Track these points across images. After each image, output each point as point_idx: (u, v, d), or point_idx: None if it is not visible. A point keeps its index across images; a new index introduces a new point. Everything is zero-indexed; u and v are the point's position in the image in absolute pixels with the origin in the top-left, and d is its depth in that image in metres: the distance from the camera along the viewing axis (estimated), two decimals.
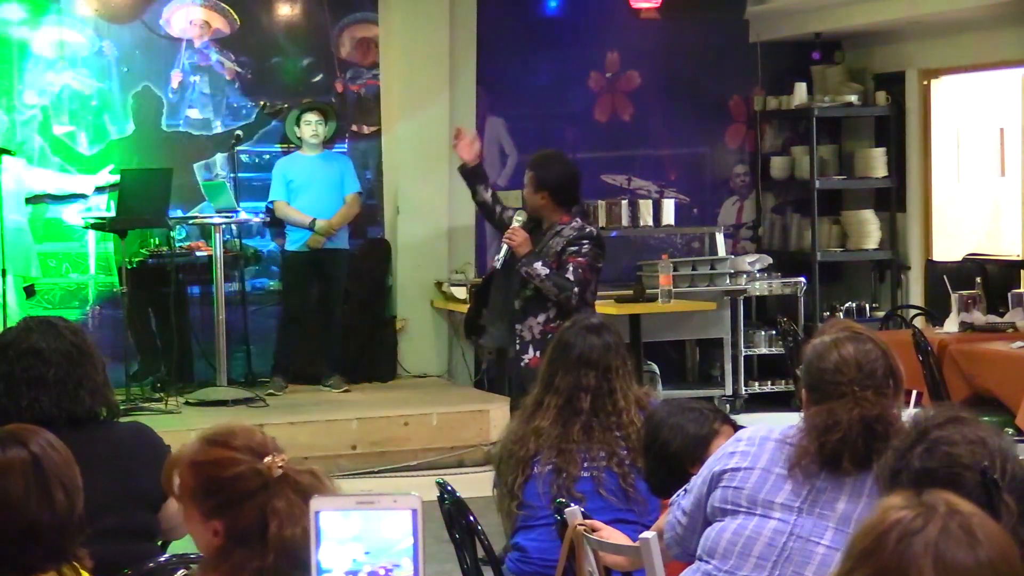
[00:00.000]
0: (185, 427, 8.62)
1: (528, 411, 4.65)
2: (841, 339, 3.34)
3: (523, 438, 4.58)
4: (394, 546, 2.20)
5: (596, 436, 4.52)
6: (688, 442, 3.91)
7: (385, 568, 2.23)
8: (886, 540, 1.76)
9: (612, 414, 4.54)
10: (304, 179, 9.97)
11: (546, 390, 4.62)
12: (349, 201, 10.08)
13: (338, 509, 2.26)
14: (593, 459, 4.51)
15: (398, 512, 2.21)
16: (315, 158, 10.05)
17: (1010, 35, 10.10)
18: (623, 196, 11.07)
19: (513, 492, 4.54)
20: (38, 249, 9.92)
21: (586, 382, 4.57)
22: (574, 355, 4.61)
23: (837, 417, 3.24)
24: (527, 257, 6.57)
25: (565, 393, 4.58)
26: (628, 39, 11.46)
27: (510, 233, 6.64)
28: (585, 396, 4.56)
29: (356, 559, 2.24)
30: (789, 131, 11.78)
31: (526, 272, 6.56)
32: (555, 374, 4.63)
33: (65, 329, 3.75)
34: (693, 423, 3.94)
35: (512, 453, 4.58)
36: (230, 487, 2.53)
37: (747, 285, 10.70)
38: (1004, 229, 10.78)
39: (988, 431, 2.36)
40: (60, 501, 2.73)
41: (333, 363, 10.18)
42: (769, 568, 3.29)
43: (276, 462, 2.51)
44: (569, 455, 4.50)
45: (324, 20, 10.79)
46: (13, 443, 2.76)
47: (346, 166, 10.24)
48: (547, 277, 6.54)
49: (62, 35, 10.18)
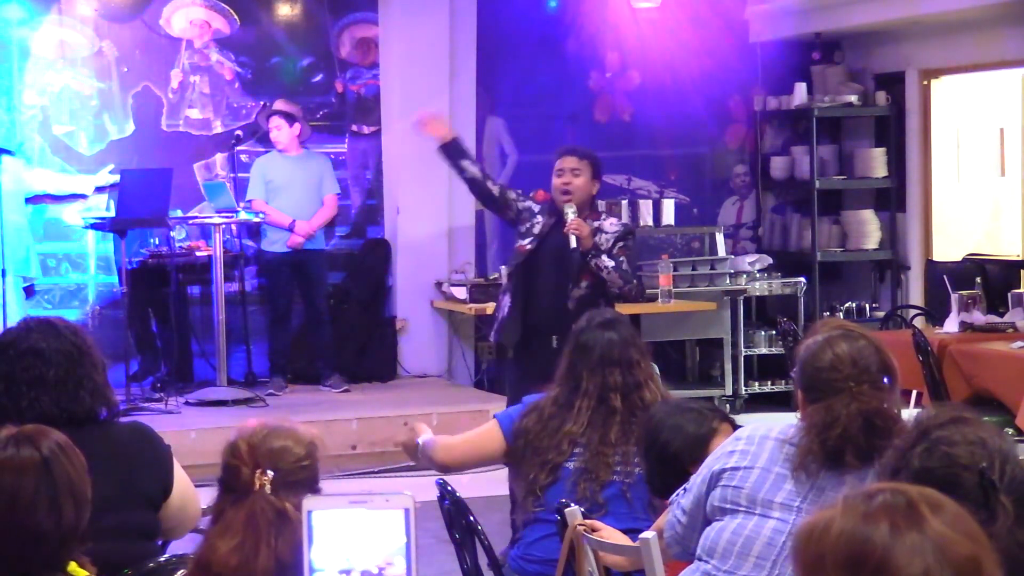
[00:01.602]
0: (185, 427, 8.65)
1: (551, 411, 4.56)
2: (834, 337, 3.35)
3: (555, 441, 4.49)
4: (387, 545, 2.20)
5: (635, 437, 4.48)
6: (688, 442, 3.90)
7: (379, 567, 2.24)
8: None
9: (643, 409, 4.48)
10: (283, 179, 9.93)
11: (574, 393, 4.55)
12: (328, 203, 10.07)
13: (331, 508, 2.27)
14: (627, 462, 4.46)
15: (391, 511, 2.21)
16: (294, 158, 10.02)
17: (1010, 35, 10.11)
18: (623, 196, 11.08)
19: (535, 491, 4.48)
20: (38, 249, 9.92)
21: (613, 381, 4.53)
22: (596, 355, 4.56)
23: (836, 413, 3.25)
24: (595, 249, 6.41)
25: (595, 394, 4.52)
26: (628, 39, 11.46)
27: (576, 225, 6.38)
28: (615, 395, 4.52)
29: (348, 558, 2.24)
30: (789, 131, 11.78)
31: (596, 264, 6.38)
32: (580, 377, 4.56)
33: (65, 329, 3.74)
34: (692, 422, 3.94)
35: (539, 451, 4.50)
36: (228, 473, 2.77)
37: (747, 285, 10.70)
38: (1004, 229, 10.78)
39: (989, 432, 2.36)
40: (68, 513, 2.72)
41: (331, 363, 10.19)
42: (768, 567, 3.29)
43: (263, 480, 2.72)
44: (602, 459, 4.45)
45: (324, 20, 10.79)
46: (28, 445, 2.75)
47: (325, 167, 10.22)
48: (614, 269, 6.40)
49: (62, 35, 10.18)
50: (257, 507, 2.73)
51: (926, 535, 1.78)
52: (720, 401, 10.40)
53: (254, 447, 2.78)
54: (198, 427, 8.72)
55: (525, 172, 11.16)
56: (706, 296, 10.43)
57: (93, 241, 10.17)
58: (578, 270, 6.45)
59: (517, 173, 11.24)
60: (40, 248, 9.96)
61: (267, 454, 2.78)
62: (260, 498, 2.73)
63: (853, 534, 1.81)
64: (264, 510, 2.72)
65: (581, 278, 6.47)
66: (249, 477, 2.74)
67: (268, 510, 2.72)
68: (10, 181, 9.39)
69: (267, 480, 2.73)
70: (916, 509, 1.80)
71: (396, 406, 9.55)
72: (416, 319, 10.76)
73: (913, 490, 1.84)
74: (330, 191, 10.10)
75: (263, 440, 2.80)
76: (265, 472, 2.74)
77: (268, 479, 2.73)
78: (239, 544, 2.72)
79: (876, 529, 1.79)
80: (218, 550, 2.73)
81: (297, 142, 10.03)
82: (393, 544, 2.22)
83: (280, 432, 2.84)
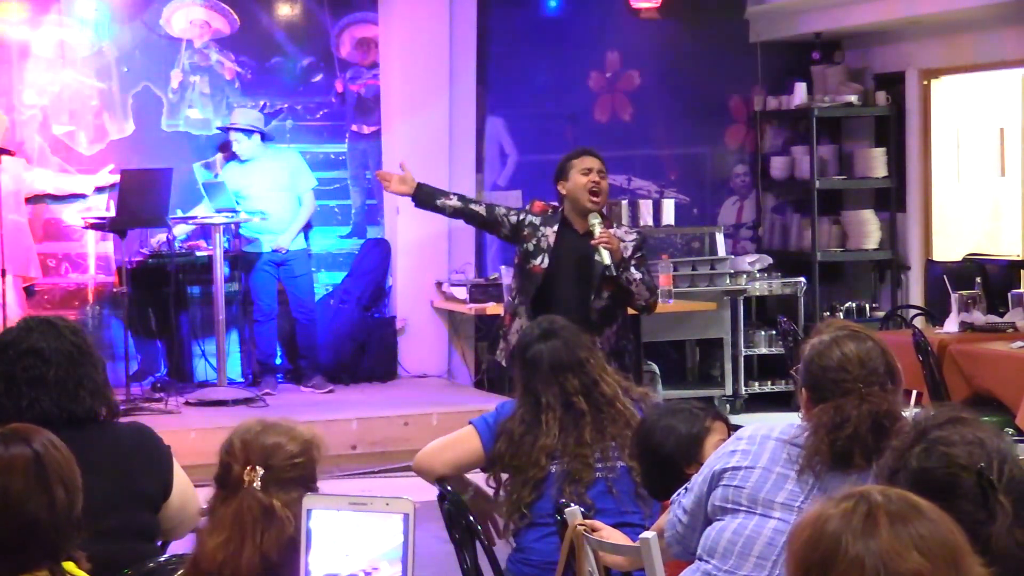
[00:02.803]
0: (185, 427, 8.65)
1: (520, 431, 4.50)
2: (841, 337, 3.35)
3: (533, 459, 4.45)
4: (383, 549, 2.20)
5: (608, 431, 4.47)
6: (681, 442, 3.91)
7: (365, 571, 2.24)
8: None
9: (607, 403, 4.49)
10: (253, 185, 9.87)
11: (536, 408, 4.51)
12: (306, 201, 10.05)
13: (330, 509, 2.27)
14: (607, 458, 4.45)
15: (390, 516, 2.21)
16: (260, 162, 9.94)
17: (1010, 35, 10.10)
18: (623, 196, 11.08)
19: (520, 509, 4.45)
20: (38, 249, 9.92)
21: (571, 386, 4.50)
22: (545, 367, 4.52)
23: (846, 414, 3.25)
24: (624, 261, 6.27)
25: (558, 404, 4.50)
26: (628, 39, 11.46)
27: (607, 238, 6.21)
28: (578, 398, 4.50)
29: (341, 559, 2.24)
30: (789, 131, 11.78)
31: (627, 278, 6.25)
32: (536, 392, 4.52)
33: (65, 329, 3.74)
34: (684, 423, 3.94)
35: (519, 470, 4.47)
36: (222, 470, 2.83)
37: (747, 285, 10.70)
38: (1004, 229, 10.78)
39: (988, 432, 2.36)
40: (60, 500, 2.73)
41: (315, 363, 10.18)
42: (769, 568, 3.29)
43: (252, 476, 2.76)
44: (582, 460, 4.42)
45: (324, 20, 10.79)
46: (16, 441, 2.76)
47: (296, 162, 10.16)
48: (641, 280, 6.29)
49: (62, 35, 10.18)
50: (244, 504, 2.75)
51: (870, 547, 1.80)
52: (720, 401, 10.41)
53: (247, 443, 2.81)
54: (198, 427, 8.72)
55: (525, 172, 11.17)
56: (706, 296, 10.43)
57: (93, 241, 10.17)
58: (600, 280, 6.30)
59: (517, 173, 11.24)
60: (40, 248, 9.96)
61: (259, 450, 2.80)
62: (248, 495, 2.75)
63: (812, 534, 1.84)
64: (251, 507, 2.74)
65: (603, 288, 6.33)
66: (240, 474, 2.77)
67: (255, 507, 2.74)
68: (10, 181, 9.39)
69: (256, 476, 2.75)
70: (873, 518, 1.82)
71: (396, 406, 9.55)
72: (416, 319, 10.76)
73: (883, 498, 1.85)
74: (306, 187, 10.07)
75: (256, 436, 2.82)
76: (255, 468, 2.76)
77: (258, 475, 2.75)
78: (225, 540, 2.74)
79: (829, 531, 1.82)
80: (206, 546, 2.77)
81: (262, 146, 9.98)
82: (385, 547, 2.22)
83: (276, 429, 2.86)
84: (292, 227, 9.95)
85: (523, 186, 11.08)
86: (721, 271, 10.65)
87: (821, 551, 1.81)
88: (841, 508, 1.85)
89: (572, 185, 6.39)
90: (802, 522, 1.88)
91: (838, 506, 1.85)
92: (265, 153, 10.03)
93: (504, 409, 4.64)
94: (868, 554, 1.79)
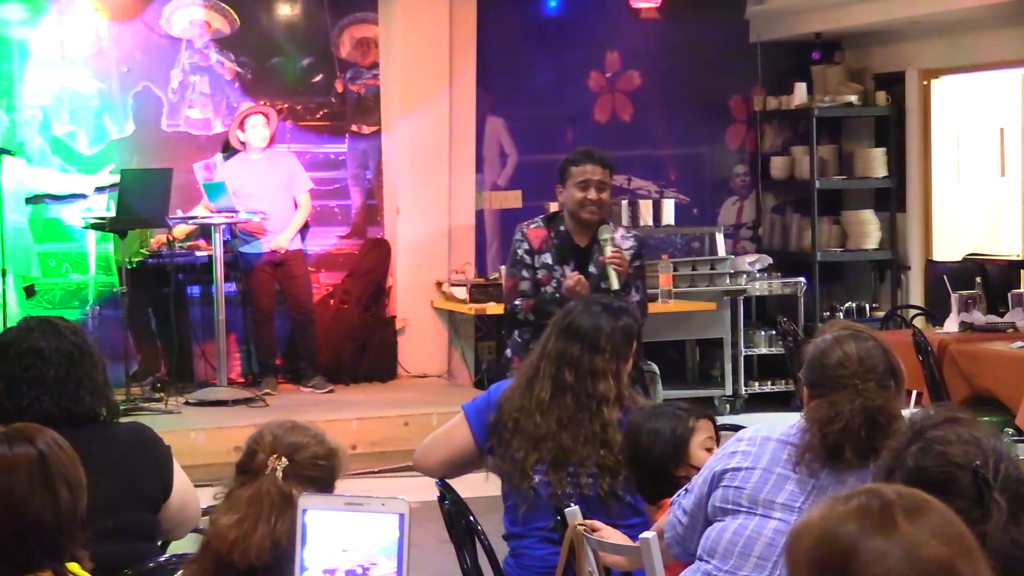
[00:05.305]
0: (185, 427, 8.65)
1: (527, 376, 4.45)
2: (843, 336, 3.37)
3: (528, 411, 4.38)
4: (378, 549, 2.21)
5: (581, 437, 4.34)
6: (668, 444, 3.91)
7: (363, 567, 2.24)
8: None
9: (592, 396, 4.35)
10: (251, 184, 9.88)
11: (541, 353, 4.46)
12: (302, 203, 10.06)
13: (326, 509, 2.27)
14: (580, 473, 4.31)
15: (385, 515, 2.22)
16: (259, 160, 9.98)
17: (1010, 35, 10.11)
18: (623, 196, 11.08)
19: (525, 472, 4.37)
20: (38, 249, 9.93)
21: (570, 353, 4.40)
22: (565, 322, 4.46)
23: (839, 408, 3.26)
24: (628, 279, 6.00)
25: (554, 360, 4.41)
26: (628, 39, 11.46)
27: (619, 259, 5.94)
28: (569, 370, 4.39)
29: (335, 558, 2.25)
30: (789, 131, 11.79)
31: (626, 300, 5.78)
32: (549, 337, 4.48)
33: (65, 329, 3.75)
34: (668, 424, 3.94)
35: (519, 426, 4.39)
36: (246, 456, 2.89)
37: (747, 285, 10.70)
38: (1004, 229, 10.79)
39: (984, 432, 2.37)
40: (64, 499, 2.73)
41: (314, 364, 10.18)
42: (769, 568, 3.29)
43: (275, 464, 2.81)
44: (564, 477, 4.32)
45: (324, 20, 10.79)
46: (20, 440, 2.77)
47: (293, 165, 10.20)
48: (639, 303, 6.01)
49: (62, 35, 10.18)
50: (264, 487, 2.79)
51: (893, 539, 1.80)
52: (720, 401, 10.42)
53: (277, 437, 2.87)
54: (198, 427, 8.73)
55: (525, 172, 11.17)
56: (706, 296, 10.43)
57: (93, 241, 10.17)
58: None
59: (517, 173, 11.24)
60: (40, 248, 9.96)
61: (287, 444, 2.86)
62: (268, 480, 2.79)
63: (823, 535, 1.84)
64: (270, 491, 2.78)
65: None
66: (264, 460, 2.82)
67: (274, 491, 2.78)
68: (10, 181, 9.40)
69: (280, 465, 2.80)
70: (889, 512, 1.82)
71: (396, 406, 9.56)
72: (416, 319, 10.76)
73: (894, 493, 1.86)
74: (302, 189, 10.09)
75: (287, 432, 2.89)
76: (280, 458, 2.82)
77: (281, 464, 2.80)
78: (239, 519, 2.77)
79: (845, 531, 1.82)
80: (218, 524, 2.79)
81: (271, 140, 10.02)
82: (380, 543, 2.22)
83: (307, 430, 2.93)
84: (290, 227, 9.96)
85: (523, 186, 11.09)
86: (721, 271, 10.65)
87: (838, 550, 1.81)
88: (853, 505, 1.85)
89: (568, 198, 6.09)
90: (803, 526, 1.87)
91: (848, 504, 1.85)
92: (266, 150, 10.05)
93: (499, 386, 4.59)
94: (891, 547, 1.79)
